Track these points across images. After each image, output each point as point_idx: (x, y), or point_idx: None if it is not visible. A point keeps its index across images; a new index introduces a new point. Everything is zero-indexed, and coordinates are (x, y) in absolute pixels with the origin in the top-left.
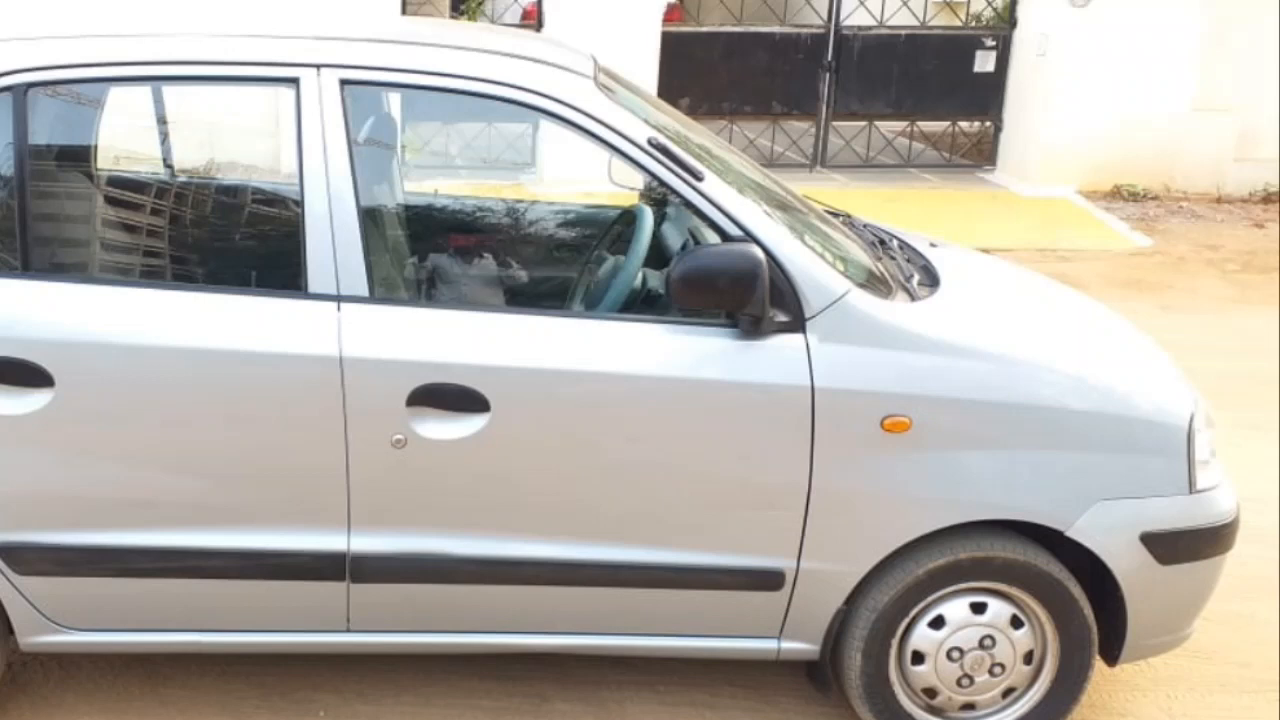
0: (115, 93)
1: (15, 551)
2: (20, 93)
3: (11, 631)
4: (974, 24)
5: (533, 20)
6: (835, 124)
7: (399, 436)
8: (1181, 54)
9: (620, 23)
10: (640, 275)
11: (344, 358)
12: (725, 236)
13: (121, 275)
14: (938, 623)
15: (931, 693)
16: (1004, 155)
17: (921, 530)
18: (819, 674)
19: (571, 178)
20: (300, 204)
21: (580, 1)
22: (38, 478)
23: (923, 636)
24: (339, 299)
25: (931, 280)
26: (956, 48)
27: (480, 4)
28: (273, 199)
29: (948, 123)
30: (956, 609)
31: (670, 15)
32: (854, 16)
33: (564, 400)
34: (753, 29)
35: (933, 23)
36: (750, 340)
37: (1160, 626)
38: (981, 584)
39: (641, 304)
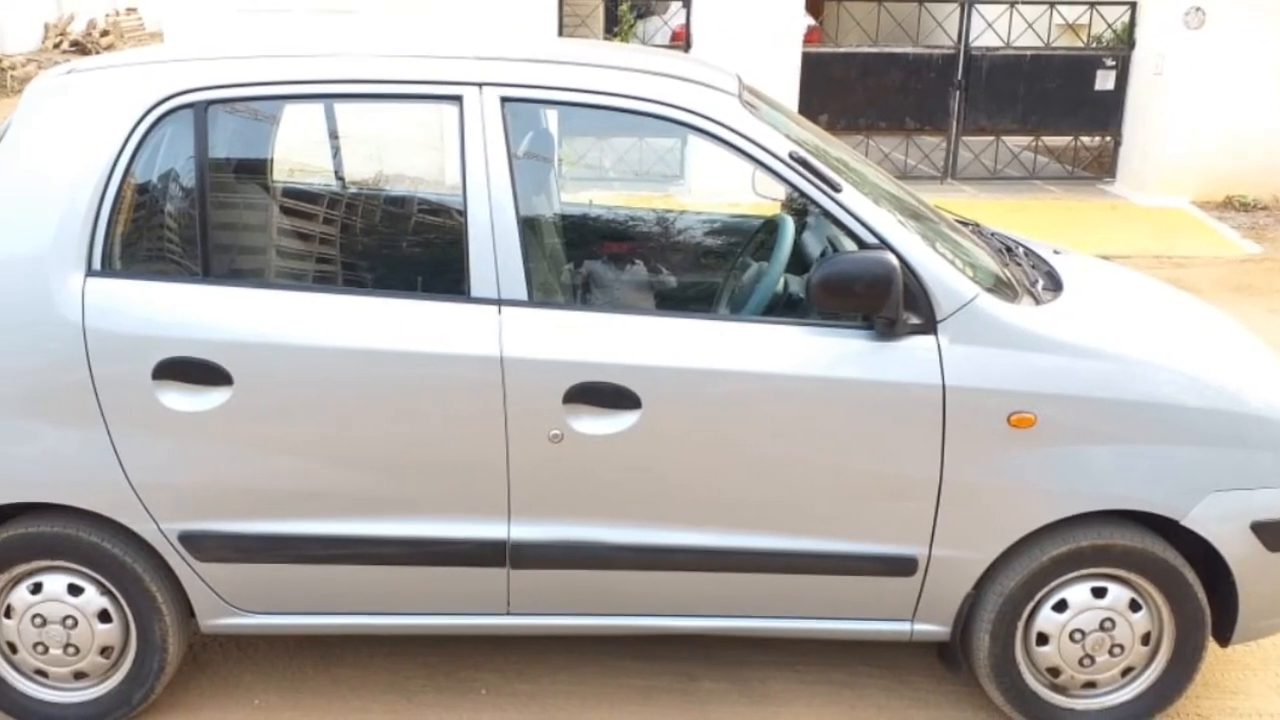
0: (289, 109)
1: (196, 539)
2: (201, 109)
3: (193, 614)
4: (1095, 45)
5: (681, 41)
6: (965, 139)
7: (556, 432)
8: None
9: (764, 44)
10: (782, 280)
11: (504, 358)
12: (862, 244)
13: (295, 280)
14: (1061, 606)
15: (1055, 672)
16: (1123, 168)
17: (1045, 520)
18: (950, 654)
19: (718, 189)
20: (463, 213)
21: (726, 24)
22: (217, 470)
23: (1047, 619)
24: (500, 303)
25: (1055, 285)
26: (1078, 67)
27: (632, 26)
28: (437, 209)
29: (1070, 137)
30: (1078, 593)
31: (810, 37)
32: (982, 38)
33: (711, 398)
34: (887, 50)
35: (1056, 44)
36: (885, 341)
37: (1270, 609)
38: (1102, 570)
39: (783, 307)
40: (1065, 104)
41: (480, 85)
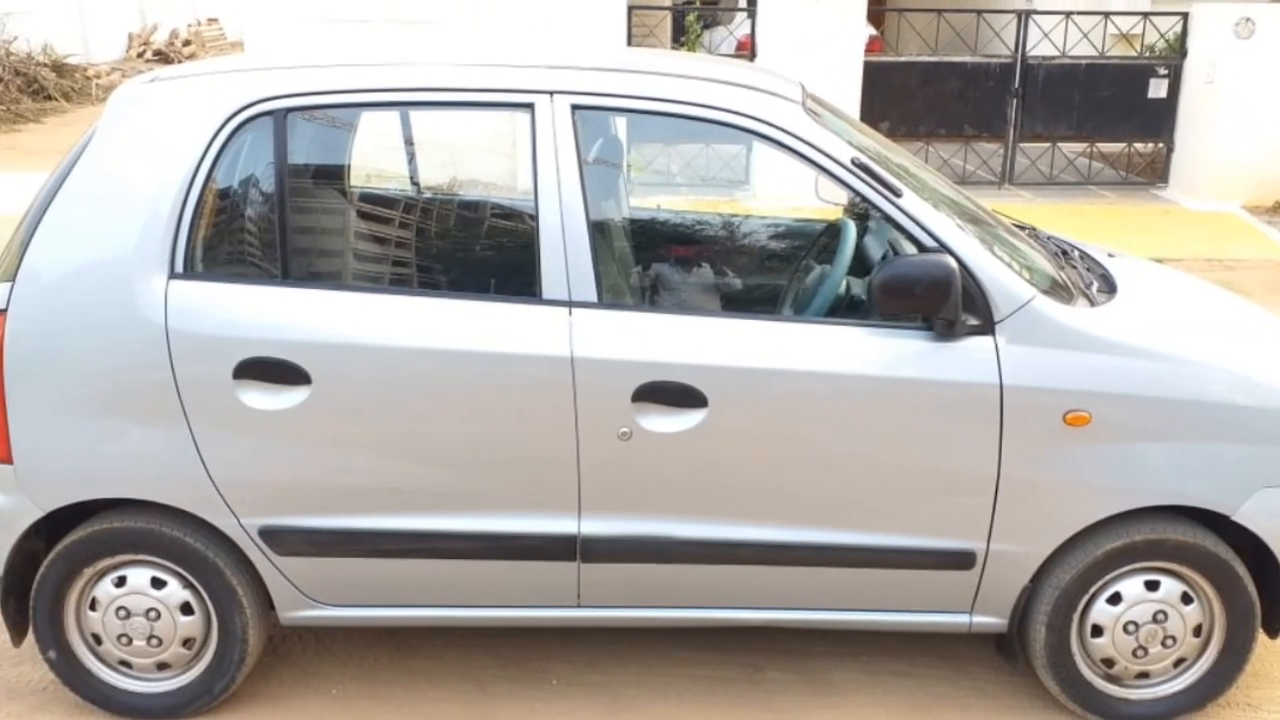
0: (366, 116)
1: (275, 534)
2: (280, 117)
3: (273, 607)
4: (1148, 54)
5: (746, 51)
6: (1022, 145)
7: (625, 429)
8: None
9: (826, 53)
10: (844, 283)
11: (575, 358)
12: (922, 247)
13: (372, 283)
14: (1115, 599)
15: (1109, 662)
16: (1175, 174)
17: (1100, 515)
18: (1007, 646)
19: (782, 194)
20: (535, 218)
21: (790, 34)
22: (296, 467)
23: (1101, 611)
24: (570, 304)
25: (1109, 287)
26: (1132, 76)
27: (698, 36)
28: (509, 213)
29: (1124, 144)
30: (1132, 586)
31: (872, 46)
32: (1039, 47)
33: (775, 397)
34: (947, 59)
35: (1110, 53)
36: (944, 342)
37: None
38: (1154, 563)
39: (845, 309)
40: (1119, 111)
41: (551, 93)
